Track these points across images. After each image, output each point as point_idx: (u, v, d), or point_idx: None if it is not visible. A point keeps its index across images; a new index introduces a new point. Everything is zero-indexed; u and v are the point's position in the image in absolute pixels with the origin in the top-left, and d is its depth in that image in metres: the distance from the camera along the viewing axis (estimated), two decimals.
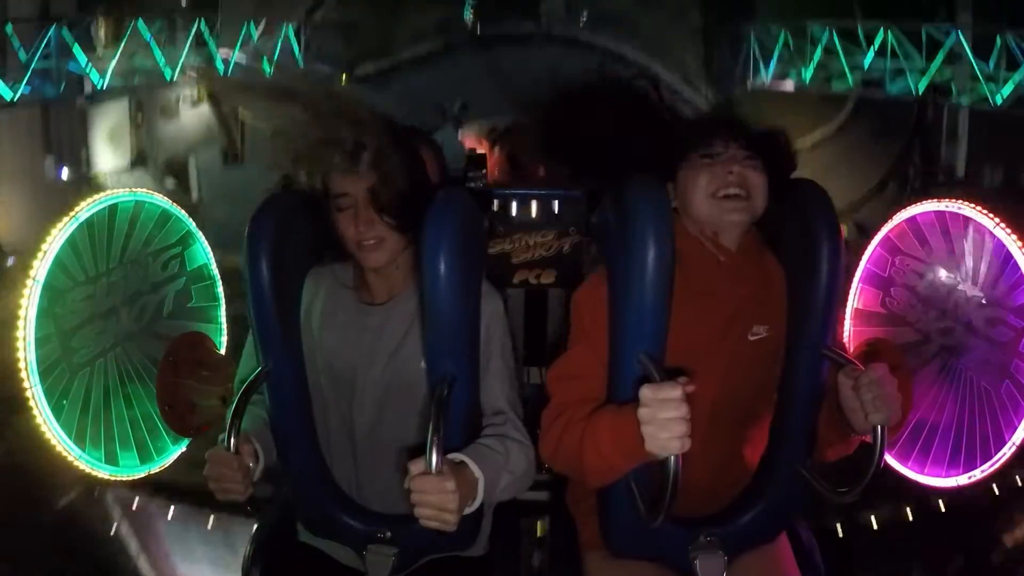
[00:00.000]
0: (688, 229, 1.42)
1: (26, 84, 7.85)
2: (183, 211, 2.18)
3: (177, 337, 2.05)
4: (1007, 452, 1.84)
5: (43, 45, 7.98)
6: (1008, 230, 1.78)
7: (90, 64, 8.21)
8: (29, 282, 1.82)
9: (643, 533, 1.33)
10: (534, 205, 1.93)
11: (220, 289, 2.30)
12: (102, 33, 8.95)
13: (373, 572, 1.45)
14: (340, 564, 1.54)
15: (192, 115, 10.31)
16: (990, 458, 1.87)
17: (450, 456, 1.22)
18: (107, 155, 9.75)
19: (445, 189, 1.36)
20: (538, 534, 1.85)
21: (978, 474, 1.90)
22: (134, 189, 2.04)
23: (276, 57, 9.60)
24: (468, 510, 1.24)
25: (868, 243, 2.16)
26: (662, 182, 1.31)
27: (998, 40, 6.92)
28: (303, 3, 10.26)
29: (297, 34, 10.17)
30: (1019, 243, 1.76)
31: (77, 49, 8.26)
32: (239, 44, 9.47)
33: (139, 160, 9.83)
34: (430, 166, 1.57)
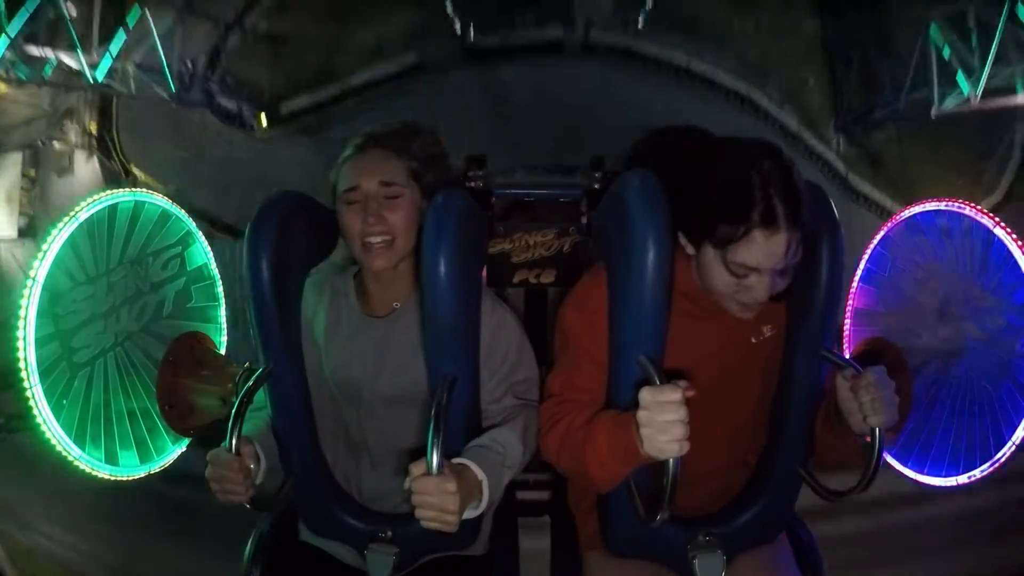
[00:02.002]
0: (695, 280, 1.34)
1: None
2: (183, 211, 2.18)
3: (177, 337, 2.05)
4: (1007, 452, 1.84)
5: None
6: (1008, 230, 1.78)
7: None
8: (29, 282, 1.82)
9: (642, 533, 1.33)
10: (534, 205, 1.93)
11: (220, 289, 2.31)
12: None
13: (374, 571, 1.45)
14: (341, 563, 1.54)
15: (87, 168, 7.73)
16: (990, 458, 1.87)
17: (453, 460, 1.22)
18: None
19: (445, 189, 1.35)
20: (538, 534, 1.85)
21: (978, 474, 1.91)
22: (134, 189, 2.04)
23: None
24: (473, 513, 1.23)
25: (869, 243, 2.16)
26: (661, 183, 1.29)
27: None
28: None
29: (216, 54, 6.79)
30: (1018, 243, 1.76)
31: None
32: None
33: (31, 227, 7.72)
34: None
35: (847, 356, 1.92)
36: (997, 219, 1.79)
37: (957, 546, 3.06)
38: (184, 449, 2.20)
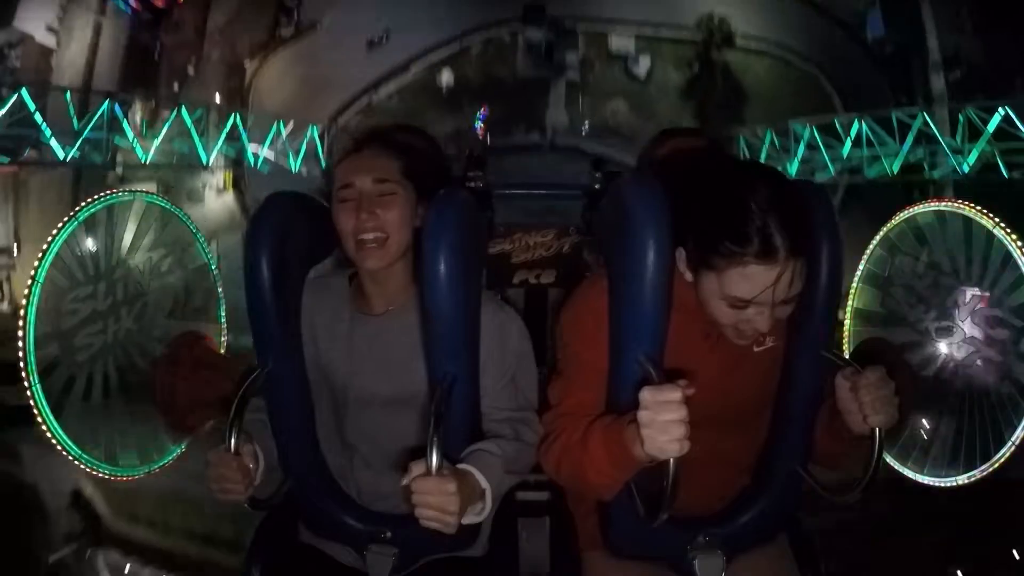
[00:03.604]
0: (694, 296, 1.29)
1: (76, 149, 8.55)
2: (184, 212, 2.18)
3: (177, 337, 2.05)
4: (1006, 452, 1.84)
5: (96, 116, 8.71)
6: (1007, 231, 1.78)
7: (136, 140, 8.94)
8: (28, 282, 1.83)
9: (642, 533, 1.32)
10: (534, 205, 1.93)
11: (220, 289, 2.31)
12: (138, 116, 9.98)
13: (374, 572, 1.45)
14: (340, 564, 1.53)
15: (217, 202, 11.47)
16: (990, 458, 1.88)
17: (458, 466, 1.21)
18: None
19: (445, 189, 1.35)
20: (538, 534, 1.85)
21: (978, 474, 1.91)
22: (134, 189, 2.04)
23: (302, 155, 10.53)
24: (475, 519, 1.23)
25: (869, 243, 2.16)
26: (661, 183, 1.29)
27: (961, 117, 7.62)
28: (327, 108, 11.51)
29: (321, 136, 10.99)
30: (1018, 243, 1.76)
31: (126, 124, 9.03)
32: (268, 139, 10.10)
33: None
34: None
35: (847, 356, 1.91)
36: (997, 220, 1.80)
37: None
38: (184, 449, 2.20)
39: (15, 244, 10.00)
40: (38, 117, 8.14)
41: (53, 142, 8.35)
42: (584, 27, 11.33)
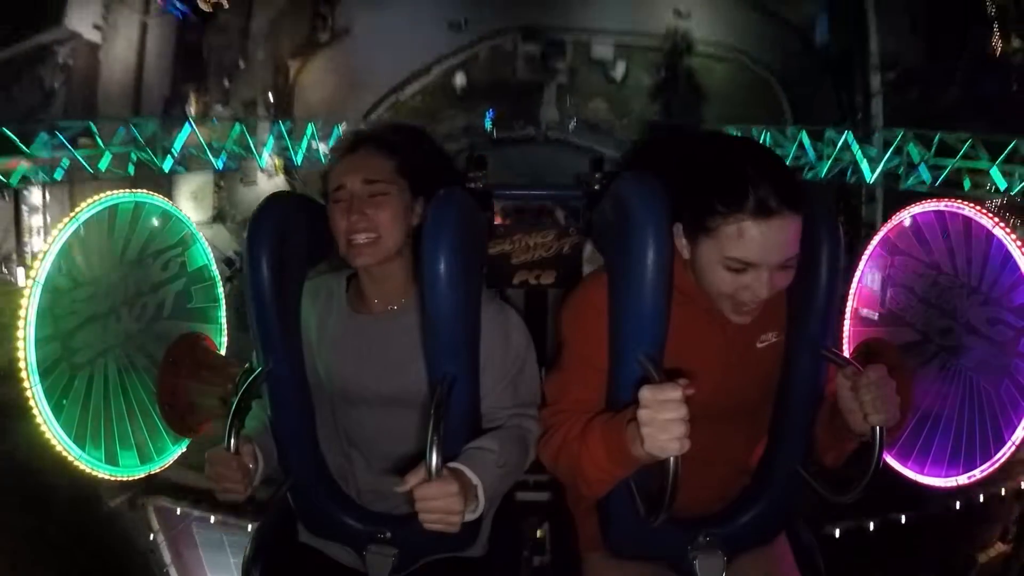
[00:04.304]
0: (693, 280, 1.31)
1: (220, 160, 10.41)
2: (184, 213, 2.18)
3: (177, 337, 2.05)
4: (1007, 452, 1.84)
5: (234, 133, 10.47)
6: (1007, 230, 1.78)
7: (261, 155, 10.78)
8: (29, 283, 1.83)
9: (642, 533, 1.33)
10: (534, 205, 1.93)
11: (220, 290, 2.31)
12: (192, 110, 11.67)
13: (373, 572, 1.45)
14: (340, 564, 1.53)
15: (269, 184, 13.11)
16: (990, 458, 1.87)
17: (448, 465, 1.21)
18: (190, 211, 12.55)
19: (445, 189, 1.36)
20: (538, 535, 1.85)
21: (978, 474, 1.91)
22: (135, 191, 2.04)
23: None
24: (471, 516, 1.23)
25: (868, 243, 2.17)
26: (661, 181, 1.29)
27: (846, 136, 10.11)
28: (362, 105, 13.16)
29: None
30: (1018, 243, 1.76)
31: (251, 140, 10.45)
32: (333, 138, 11.44)
33: (219, 216, 12.74)
34: None
35: (847, 356, 1.91)
36: (997, 219, 1.80)
37: None
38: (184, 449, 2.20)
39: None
40: (249, 139, 10.29)
41: (208, 153, 10.15)
42: (571, 37, 13.57)
